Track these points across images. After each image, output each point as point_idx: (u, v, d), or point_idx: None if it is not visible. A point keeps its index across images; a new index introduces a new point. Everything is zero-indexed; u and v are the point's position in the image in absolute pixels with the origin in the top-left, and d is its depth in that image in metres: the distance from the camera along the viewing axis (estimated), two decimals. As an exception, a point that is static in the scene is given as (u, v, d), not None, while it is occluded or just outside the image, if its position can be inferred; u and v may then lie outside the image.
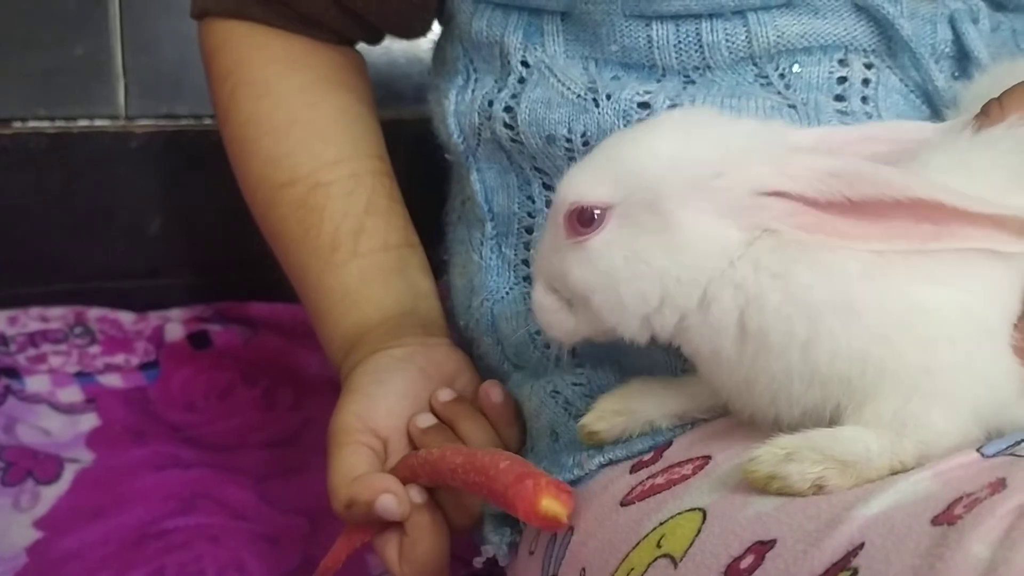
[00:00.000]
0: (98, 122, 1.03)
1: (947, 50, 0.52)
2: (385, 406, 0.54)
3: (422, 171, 0.79)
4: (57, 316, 0.96)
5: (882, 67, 0.52)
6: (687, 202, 0.39)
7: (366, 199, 0.61)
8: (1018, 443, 0.36)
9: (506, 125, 0.56)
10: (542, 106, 0.54)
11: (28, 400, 0.87)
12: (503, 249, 0.57)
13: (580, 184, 0.42)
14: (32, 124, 1.01)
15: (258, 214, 0.65)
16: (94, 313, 0.96)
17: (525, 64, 0.55)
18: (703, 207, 0.39)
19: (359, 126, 0.64)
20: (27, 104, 1.02)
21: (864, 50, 0.51)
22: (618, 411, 0.45)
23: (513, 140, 0.55)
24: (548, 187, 0.55)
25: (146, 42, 1.04)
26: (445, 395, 0.55)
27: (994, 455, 0.35)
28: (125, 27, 1.04)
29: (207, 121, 1.06)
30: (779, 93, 0.51)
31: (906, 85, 0.51)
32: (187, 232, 1.05)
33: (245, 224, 0.75)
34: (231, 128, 0.64)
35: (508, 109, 0.55)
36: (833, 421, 0.38)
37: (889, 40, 0.51)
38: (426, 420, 0.54)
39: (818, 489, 0.36)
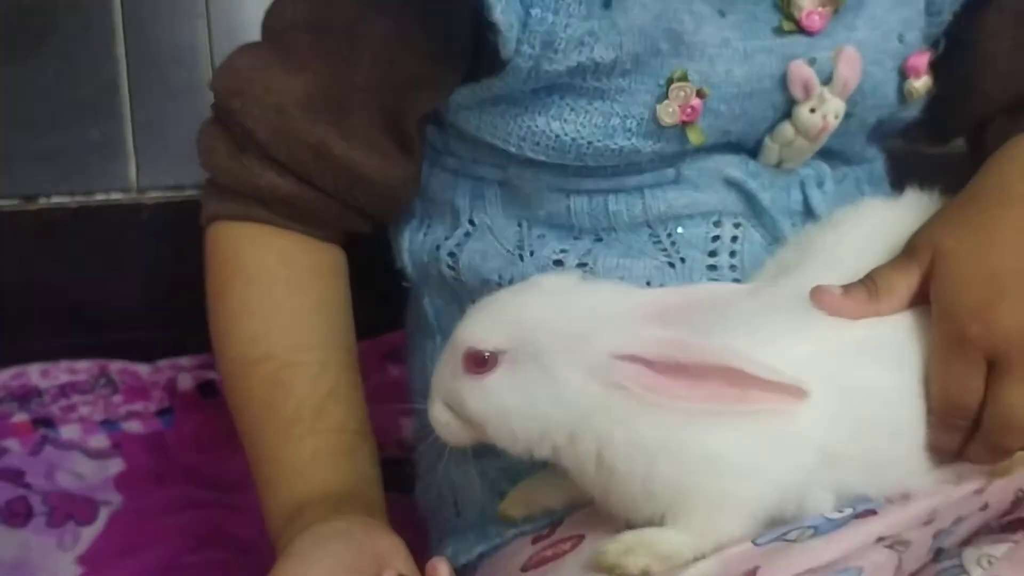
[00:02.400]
0: (113, 195, 1.16)
1: (798, 208, 0.65)
2: (320, 570, 0.55)
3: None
4: (83, 369, 1.10)
5: (747, 226, 0.64)
6: (563, 359, 0.51)
7: (331, 385, 0.66)
8: (788, 531, 0.50)
9: (449, 267, 0.68)
10: (479, 256, 0.66)
11: (63, 447, 1.00)
12: None
13: (477, 331, 0.53)
14: (55, 200, 1.15)
15: (229, 387, 0.68)
16: (115, 366, 1.10)
17: (472, 223, 0.67)
18: (575, 364, 0.51)
19: (336, 319, 0.69)
20: (50, 182, 1.15)
21: (734, 214, 0.64)
22: (526, 500, 0.60)
23: (455, 279, 0.68)
24: None
25: (154, 123, 1.17)
26: (389, 574, 0.56)
27: (765, 543, 0.50)
28: (135, 111, 1.17)
29: (208, 191, 1.20)
30: (664, 251, 0.64)
31: (764, 239, 0.64)
32: (194, 289, 1.18)
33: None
34: (221, 309, 0.68)
35: (452, 255, 0.68)
36: (662, 521, 0.52)
37: (753, 206, 0.64)
38: None
39: (644, 574, 0.50)
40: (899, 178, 0.72)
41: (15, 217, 1.13)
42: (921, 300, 0.55)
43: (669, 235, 0.64)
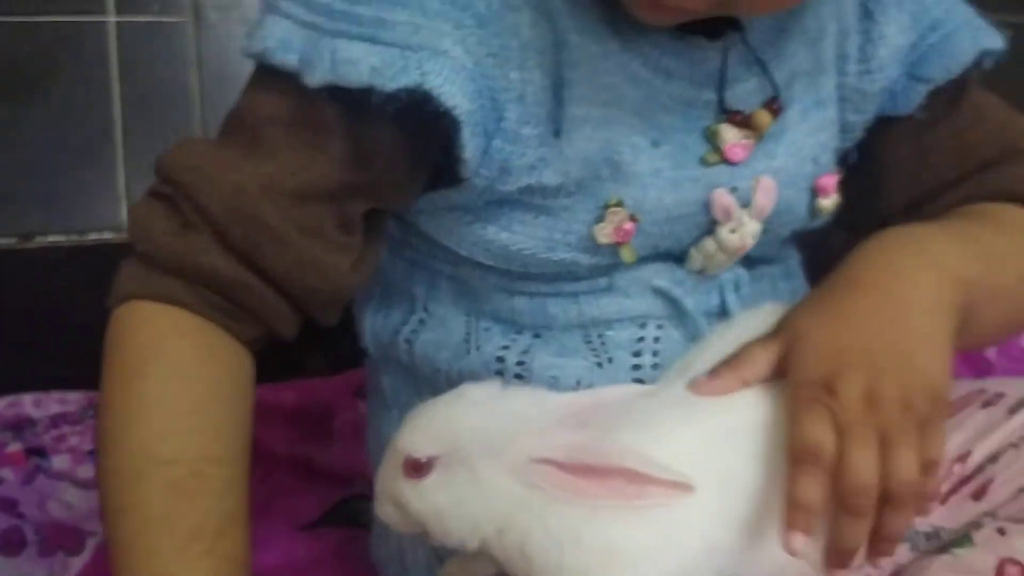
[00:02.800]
0: (105, 235, 1.24)
1: (715, 311, 0.71)
2: None
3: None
4: (73, 400, 1.16)
5: (669, 327, 0.70)
6: (488, 463, 0.57)
7: (234, 508, 0.61)
8: None
9: (406, 353, 0.73)
10: (432, 346, 0.71)
11: (54, 477, 1.07)
12: None
13: (412, 440, 0.58)
14: (51, 238, 1.22)
15: (114, 485, 0.60)
16: None
17: (426, 310, 0.72)
18: (499, 468, 0.57)
19: (246, 435, 0.64)
20: (47, 222, 1.22)
21: (658, 317, 0.70)
22: (463, 567, 0.67)
23: (411, 364, 0.73)
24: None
25: (144, 167, 1.22)
26: None
27: None
28: (127, 156, 1.24)
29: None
30: (594, 351, 0.69)
31: (684, 338, 0.70)
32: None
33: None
34: (126, 398, 0.61)
35: (408, 341, 0.73)
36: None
37: (677, 310, 0.70)
38: None
39: None
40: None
41: (13, 255, 1.21)
42: (782, 375, 0.61)
43: (600, 336, 0.70)
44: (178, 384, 0.61)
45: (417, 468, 0.58)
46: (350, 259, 0.66)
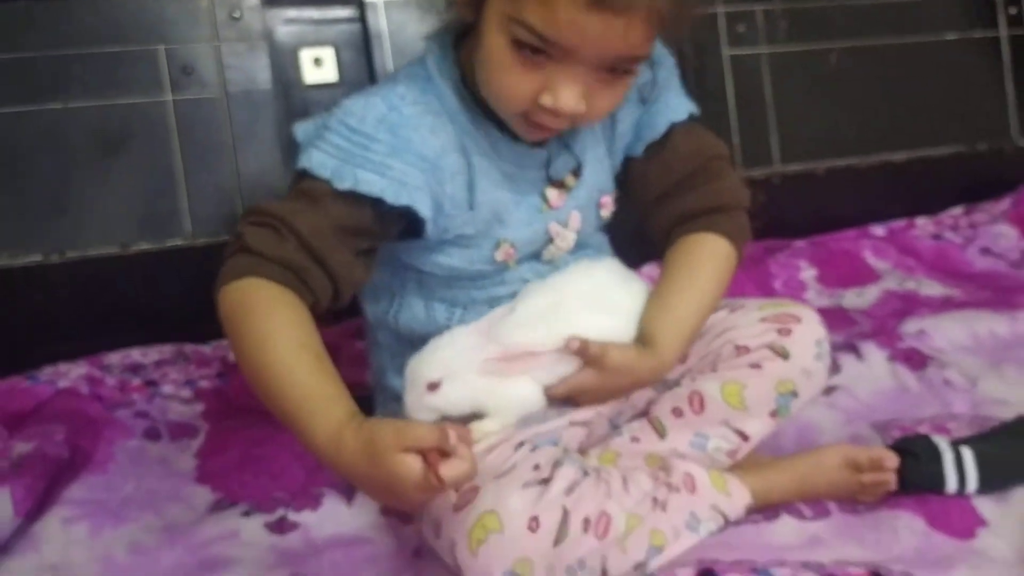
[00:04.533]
0: (178, 241, 1.75)
1: None
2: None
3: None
4: (168, 351, 1.70)
5: None
6: (466, 370, 1.02)
7: (331, 364, 0.98)
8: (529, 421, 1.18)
9: (393, 324, 1.18)
10: (409, 321, 1.17)
11: (166, 399, 1.60)
12: (396, 359, 1.19)
13: (425, 373, 1.04)
14: (142, 246, 1.74)
15: (277, 362, 0.96)
16: (188, 347, 1.71)
17: (401, 298, 1.18)
18: (472, 370, 1.08)
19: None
20: (137, 234, 1.74)
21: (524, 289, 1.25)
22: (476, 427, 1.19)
23: (396, 329, 1.18)
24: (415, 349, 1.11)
25: (200, 194, 1.76)
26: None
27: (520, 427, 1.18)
28: (189, 191, 1.77)
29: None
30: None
31: None
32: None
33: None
34: (271, 321, 0.97)
35: (394, 318, 1.18)
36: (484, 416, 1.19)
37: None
38: None
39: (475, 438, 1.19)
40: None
41: (117, 259, 1.73)
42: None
43: (497, 304, 1.15)
44: (296, 314, 1.00)
45: (434, 386, 1.11)
46: (364, 265, 1.09)
